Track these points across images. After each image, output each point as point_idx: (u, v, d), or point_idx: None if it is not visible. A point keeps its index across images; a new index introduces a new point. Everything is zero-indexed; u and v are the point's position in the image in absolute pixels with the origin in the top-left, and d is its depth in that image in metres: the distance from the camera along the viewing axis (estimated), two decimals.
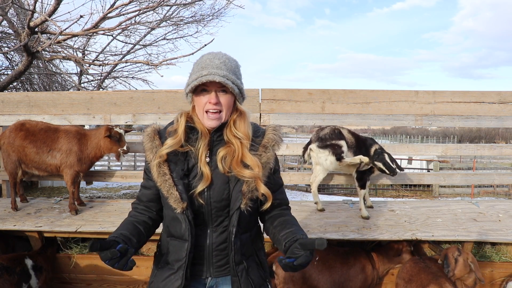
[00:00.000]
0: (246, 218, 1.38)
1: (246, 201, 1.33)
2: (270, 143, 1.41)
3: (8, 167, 3.31)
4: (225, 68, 1.30)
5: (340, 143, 3.15)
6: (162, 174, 1.35)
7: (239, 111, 1.38)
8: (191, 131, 1.39)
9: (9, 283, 2.61)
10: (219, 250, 1.39)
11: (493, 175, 4.01)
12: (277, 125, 1.47)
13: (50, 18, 4.99)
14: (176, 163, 1.37)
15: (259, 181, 1.34)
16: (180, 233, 1.36)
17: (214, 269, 1.41)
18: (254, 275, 1.42)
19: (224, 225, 1.38)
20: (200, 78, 1.27)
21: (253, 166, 1.33)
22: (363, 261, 2.97)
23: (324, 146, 3.18)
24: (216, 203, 1.36)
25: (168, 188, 1.33)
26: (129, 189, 10.04)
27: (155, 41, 9.02)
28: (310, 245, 1.18)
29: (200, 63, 1.32)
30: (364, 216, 3.18)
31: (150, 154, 1.38)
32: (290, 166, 15.72)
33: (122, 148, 3.24)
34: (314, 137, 3.30)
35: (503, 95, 3.56)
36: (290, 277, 2.84)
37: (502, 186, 12.10)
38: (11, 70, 8.10)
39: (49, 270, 2.98)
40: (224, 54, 1.35)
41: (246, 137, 1.36)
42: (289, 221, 1.44)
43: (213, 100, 1.30)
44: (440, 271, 2.65)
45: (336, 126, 3.30)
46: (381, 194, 12.21)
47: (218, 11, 8.68)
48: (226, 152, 1.35)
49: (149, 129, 1.42)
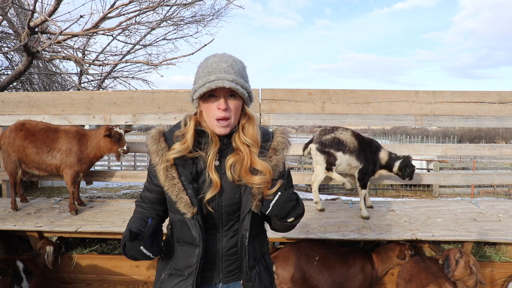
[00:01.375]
0: (257, 221, 1.36)
1: (257, 202, 1.29)
2: (280, 146, 1.37)
3: (8, 167, 3.31)
4: (233, 72, 1.24)
5: (336, 155, 3.20)
6: (170, 178, 1.30)
7: (247, 116, 1.35)
8: (200, 135, 1.33)
9: (3, 284, 2.61)
10: (229, 255, 1.36)
11: (493, 175, 4.01)
12: (284, 128, 1.44)
13: (50, 18, 4.99)
14: (184, 167, 1.32)
15: (268, 186, 1.29)
16: (191, 239, 1.32)
17: (224, 274, 1.37)
18: (265, 279, 1.42)
19: (234, 229, 1.36)
20: (208, 84, 1.21)
21: (264, 172, 1.29)
22: (363, 261, 2.98)
23: (322, 151, 3.23)
24: (227, 207, 1.33)
25: (177, 193, 1.29)
26: (129, 189, 10.03)
27: (155, 41, 9.01)
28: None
29: (205, 67, 1.26)
30: (364, 216, 3.18)
31: (156, 157, 1.32)
32: (290, 166, 15.73)
33: (122, 148, 3.25)
34: (316, 138, 3.31)
35: (503, 95, 3.56)
36: (290, 277, 2.84)
37: (502, 186, 12.09)
38: (11, 70, 8.10)
39: (39, 276, 2.94)
40: (230, 55, 1.30)
41: (255, 143, 1.32)
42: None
43: (222, 106, 1.25)
44: (440, 271, 2.65)
45: (339, 131, 3.28)
46: (381, 194, 12.20)
47: (218, 11, 8.69)
48: (235, 160, 1.30)
49: (154, 131, 1.36)
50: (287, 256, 2.92)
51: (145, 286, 3.26)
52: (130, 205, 3.56)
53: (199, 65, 1.31)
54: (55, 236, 3.11)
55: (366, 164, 3.25)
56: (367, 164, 3.25)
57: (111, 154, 3.41)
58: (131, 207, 3.45)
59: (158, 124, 3.57)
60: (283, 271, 2.86)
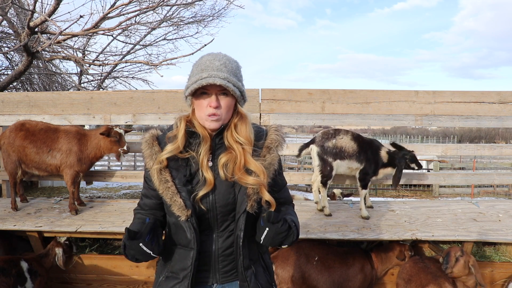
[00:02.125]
0: (252, 221, 1.35)
1: (252, 203, 1.30)
2: (274, 144, 1.37)
3: (8, 167, 3.31)
4: (226, 70, 1.25)
5: (332, 165, 3.19)
6: (164, 181, 1.30)
7: (240, 114, 1.34)
8: (192, 136, 1.34)
9: (5, 284, 2.59)
10: (225, 255, 1.37)
11: (493, 175, 4.00)
12: (278, 125, 1.44)
13: (50, 18, 4.99)
14: (178, 170, 1.32)
15: (263, 188, 1.30)
16: (186, 241, 1.33)
17: (220, 275, 1.38)
18: (262, 279, 1.41)
19: (230, 230, 1.36)
20: (200, 80, 1.22)
21: (258, 173, 1.29)
22: (362, 261, 2.98)
23: (321, 157, 3.22)
24: (222, 207, 1.33)
25: (171, 196, 1.29)
26: (129, 189, 10.03)
27: (155, 41, 9.01)
28: (267, 216, 1.23)
29: (199, 64, 1.27)
30: (364, 216, 3.18)
31: (150, 161, 1.33)
32: (290, 166, 15.71)
33: (122, 148, 3.24)
34: (318, 140, 3.27)
35: (503, 95, 3.56)
36: (290, 277, 2.84)
37: (502, 186, 12.09)
38: (11, 70, 8.10)
39: (44, 276, 2.93)
40: (224, 55, 1.30)
41: (248, 142, 1.32)
42: (285, 211, 1.43)
43: (213, 104, 1.25)
44: (440, 271, 2.65)
45: (340, 135, 3.24)
46: (381, 194, 12.20)
47: (218, 12, 8.69)
48: (227, 158, 1.31)
49: (147, 136, 1.37)
50: (286, 256, 2.92)
51: (145, 286, 3.26)
52: (130, 205, 3.56)
53: (193, 64, 1.32)
54: (64, 236, 3.10)
55: (367, 165, 3.25)
56: (368, 165, 3.25)
57: (111, 154, 3.41)
58: (131, 207, 3.46)
59: (158, 124, 3.58)
60: (283, 271, 2.86)
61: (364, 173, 3.26)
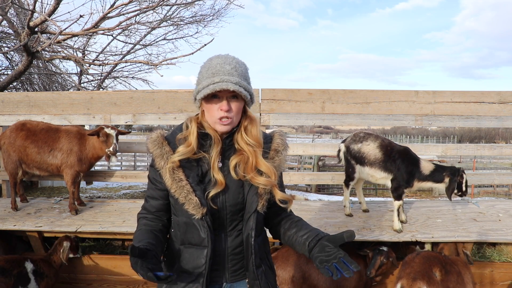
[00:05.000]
0: (261, 220, 1.40)
1: (263, 203, 1.34)
2: (281, 147, 1.42)
3: (9, 167, 3.31)
4: (237, 74, 1.26)
5: (355, 168, 3.17)
6: (177, 180, 1.31)
7: (249, 117, 1.38)
8: (203, 137, 1.35)
9: (5, 285, 2.56)
10: (234, 254, 1.39)
11: (493, 175, 4.01)
12: (280, 130, 1.50)
13: (50, 18, 4.98)
14: (190, 169, 1.33)
15: (275, 188, 1.35)
16: (198, 240, 1.34)
17: (229, 274, 1.39)
18: (270, 278, 1.45)
19: (238, 229, 1.38)
20: (212, 85, 1.24)
21: (269, 174, 1.34)
22: (358, 260, 2.97)
23: (346, 158, 3.23)
24: (232, 207, 1.35)
25: (186, 194, 1.30)
26: (129, 189, 10.02)
27: (155, 41, 9.01)
28: (339, 239, 1.22)
29: (209, 68, 1.28)
30: (396, 229, 2.97)
31: (161, 160, 1.33)
32: (290, 166, 15.72)
33: (108, 149, 3.20)
34: (348, 141, 3.24)
35: (503, 95, 3.56)
36: (290, 278, 2.84)
37: (502, 186, 12.10)
38: (11, 70, 8.09)
39: (51, 277, 2.88)
40: (233, 57, 1.32)
41: (259, 144, 1.35)
42: (303, 222, 1.46)
43: (225, 108, 1.27)
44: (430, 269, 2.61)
45: (367, 142, 3.10)
46: (381, 194, 12.20)
47: (218, 12, 8.68)
48: (239, 160, 1.34)
49: (155, 135, 1.37)
50: (286, 257, 2.92)
51: (145, 286, 3.26)
52: (130, 205, 3.55)
53: (202, 66, 1.33)
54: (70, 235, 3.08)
55: (397, 175, 2.99)
56: (399, 175, 2.98)
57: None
58: (131, 207, 3.45)
59: (158, 124, 3.58)
60: (283, 272, 2.86)
61: (397, 184, 3.00)
